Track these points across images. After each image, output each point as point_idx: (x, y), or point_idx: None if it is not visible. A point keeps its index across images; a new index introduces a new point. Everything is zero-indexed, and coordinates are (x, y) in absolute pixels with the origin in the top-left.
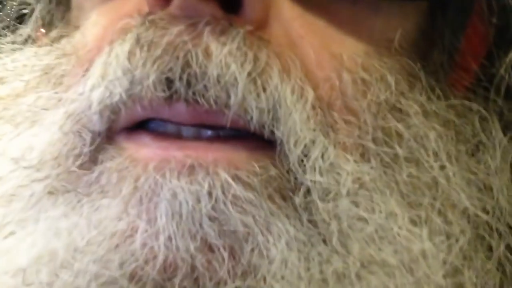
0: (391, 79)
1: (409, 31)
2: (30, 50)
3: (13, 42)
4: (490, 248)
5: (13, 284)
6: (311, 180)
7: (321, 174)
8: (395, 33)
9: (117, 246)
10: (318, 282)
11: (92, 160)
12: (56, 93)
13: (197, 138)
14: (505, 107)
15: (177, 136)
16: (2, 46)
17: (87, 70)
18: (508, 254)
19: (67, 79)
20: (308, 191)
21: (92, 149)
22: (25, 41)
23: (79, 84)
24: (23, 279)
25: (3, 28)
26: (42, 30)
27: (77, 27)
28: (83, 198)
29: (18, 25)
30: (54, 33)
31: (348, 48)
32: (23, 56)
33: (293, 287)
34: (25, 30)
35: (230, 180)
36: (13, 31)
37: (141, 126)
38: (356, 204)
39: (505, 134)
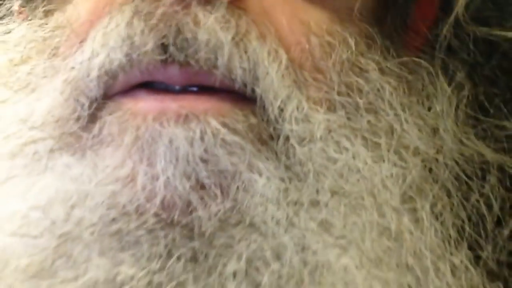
0: (351, 42)
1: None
2: (24, 24)
3: None
4: (439, 179)
5: (37, 218)
6: (289, 129)
7: (297, 123)
8: (355, 1)
9: (120, 189)
10: (295, 205)
11: (91, 120)
12: (53, 62)
13: (187, 92)
14: (449, 62)
15: (170, 90)
16: None
17: (83, 41)
18: (455, 182)
19: (62, 49)
20: (287, 138)
21: (89, 112)
22: (7, 15)
23: (77, 54)
24: (43, 214)
25: None
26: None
27: (67, 1)
28: (87, 150)
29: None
30: (41, 7)
31: (315, 16)
32: (18, 29)
33: (273, 209)
34: (9, 4)
35: (219, 126)
36: None
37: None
38: (327, 147)
39: (449, 84)
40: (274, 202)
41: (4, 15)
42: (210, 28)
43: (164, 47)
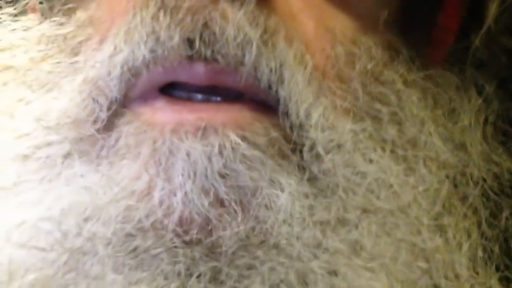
0: (375, 52)
1: (393, 9)
2: (45, 22)
3: (14, 14)
4: (465, 196)
5: (48, 230)
6: (314, 137)
7: (323, 131)
8: (382, 10)
9: (136, 202)
10: (321, 224)
11: (108, 125)
12: (74, 61)
13: (206, 101)
14: (478, 75)
15: (189, 99)
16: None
17: (104, 38)
18: (483, 199)
19: (84, 48)
20: (311, 148)
21: (108, 114)
22: (23, 11)
23: (97, 52)
24: (56, 226)
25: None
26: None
27: None
28: (102, 159)
29: None
30: (61, 5)
31: (341, 23)
32: (39, 27)
33: (299, 229)
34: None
35: (238, 140)
36: (14, 2)
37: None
38: (355, 159)
39: (477, 98)
40: (299, 221)
41: (21, 12)
42: (239, 24)
43: (190, 43)
